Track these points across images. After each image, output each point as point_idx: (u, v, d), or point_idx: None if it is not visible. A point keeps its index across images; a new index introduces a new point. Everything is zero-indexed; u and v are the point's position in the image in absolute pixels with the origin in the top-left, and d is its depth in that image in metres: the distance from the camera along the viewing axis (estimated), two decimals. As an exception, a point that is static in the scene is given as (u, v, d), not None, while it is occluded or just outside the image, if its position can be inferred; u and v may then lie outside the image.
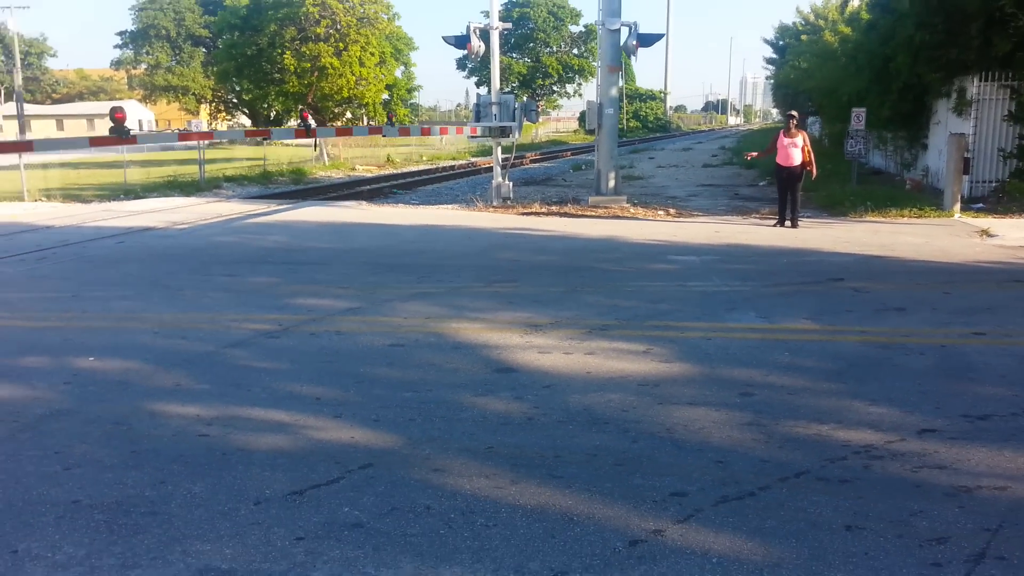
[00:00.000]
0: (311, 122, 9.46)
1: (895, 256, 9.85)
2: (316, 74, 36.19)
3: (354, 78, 36.10)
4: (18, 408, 4.72)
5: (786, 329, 6.49)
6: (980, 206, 14.77)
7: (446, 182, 25.74)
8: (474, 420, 4.54)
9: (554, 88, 71.14)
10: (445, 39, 14.88)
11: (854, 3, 28.13)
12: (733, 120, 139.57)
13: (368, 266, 9.36)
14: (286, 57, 35.92)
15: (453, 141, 43.12)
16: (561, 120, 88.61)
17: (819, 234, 11.76)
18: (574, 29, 69.83)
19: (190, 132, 9.03)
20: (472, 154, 38.43)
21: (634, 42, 14.05)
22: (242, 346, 6.02)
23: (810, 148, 12.60)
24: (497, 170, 16.02)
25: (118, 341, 6.16)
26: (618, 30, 14.11)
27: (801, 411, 4.66)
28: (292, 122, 53.72)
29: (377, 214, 14.98)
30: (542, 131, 64.07)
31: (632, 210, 14.77)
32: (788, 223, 12.55)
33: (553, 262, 9.65)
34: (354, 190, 22.21)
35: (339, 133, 14.67)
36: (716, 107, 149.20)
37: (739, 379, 5.25)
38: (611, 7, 14.11)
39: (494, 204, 15.45)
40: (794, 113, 13.35)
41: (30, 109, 68.65)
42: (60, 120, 77.05)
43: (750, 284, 8.22)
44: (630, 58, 15.15)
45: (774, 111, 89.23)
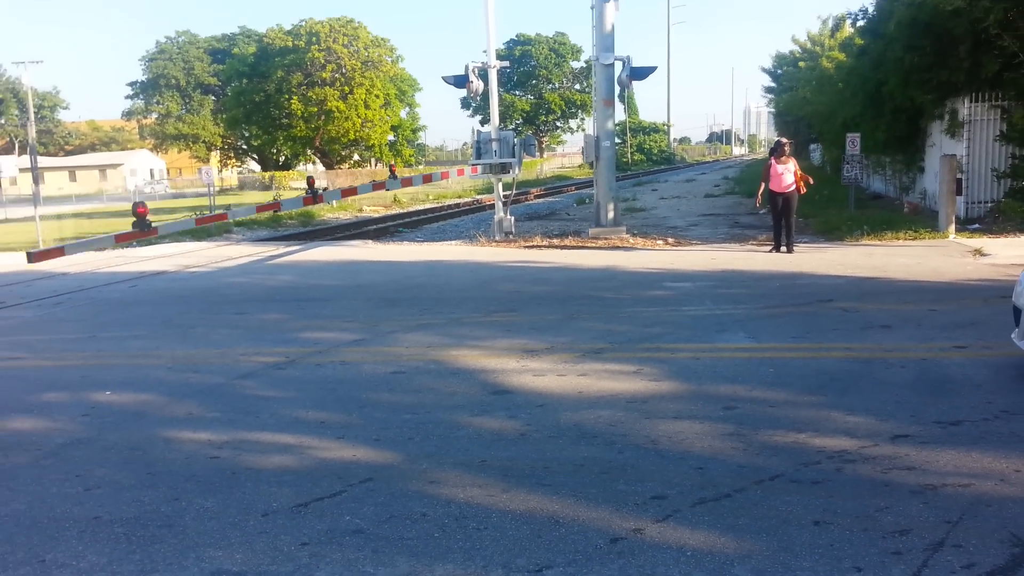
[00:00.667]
0: (317, 187, 9.95)
1: (887, 277, 10.09)
2: (323, 118, 37.02)
3: (360, 120, 36.89)
4: (40, 438, 5.02)
5: (773, 348, 6.74)
6: (976, 227, 15.00)
7: (451, 219, 26.18)
8: (469, 437, 4.80)
9: (557, 124, 72.16)
10: (445, 79, 15.37)
11: (848, 29, 28.66)
12: (738, 150, 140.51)
13: (372, 301, 9.67)
14: (293, 102, 36.78)
15: (458, 180, 43.75)
16: (566, 155, 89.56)
17: (814, 258, 12.01)
18: (575, 65, 71.01)
19: (205, 216, 9.52)
20: (477, 191, 39.01)
21: (627, 76, 14.48)
22: (251, 377, 6.32)
23: (800, 172, 12.92)
24: (499, 205, 16.39)
25: (133, 376, 6.46)
26: (612, 64, 14.54)
27: (781, 422, 4.89)
28: (301, 166, 54.63)
29: (383, 252, 15.34)
30: (547, 166, 64.80)
31: (631, 240, 15.07)
32: (784, 248, 12.81)
33: (551, 292, 9.94)
34: (361, 230, 22.64)
35: (344, 194, 15.15)
36: (720, 138, 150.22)
37: (724, 394, 5.49)
38: (605, 43, 14.57)
39: (496, 239, 15.80)
40: (783, 140, 13.68)
41: (43, 161, 70.01)
42: (73, 171, 78.46)
43: (742, 307, 8.48)
44: (625, 91, 15.60)
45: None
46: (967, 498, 3.81)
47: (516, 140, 15.19)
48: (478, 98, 16.53)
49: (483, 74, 15.65)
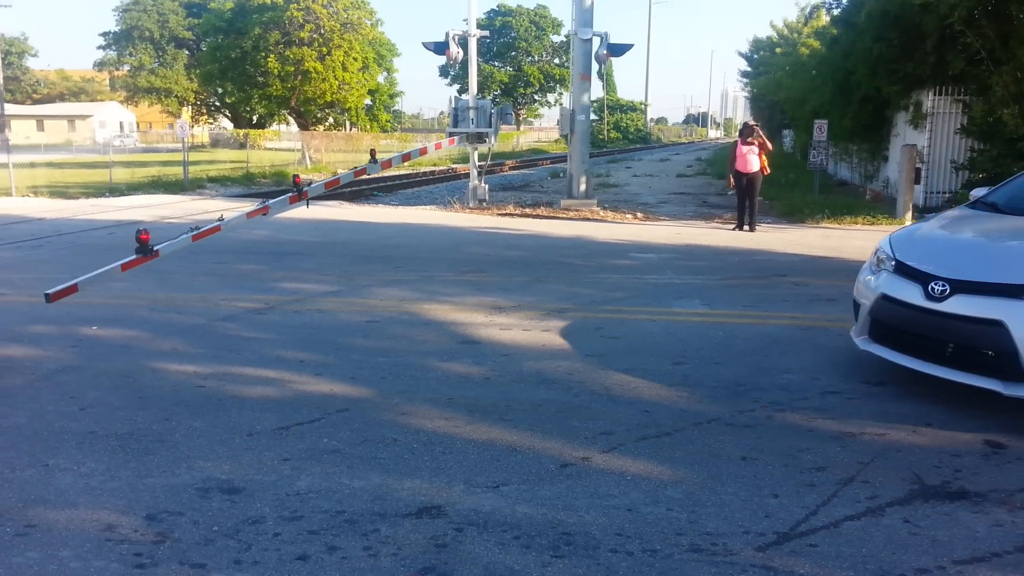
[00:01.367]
0: (301, 185, 10.09)
1: (839, 257, 10.61)
2: (299, 78, 36.78)
3: (337, 83, 36.71)
4: (33, 364, 5.32)
5: (725, 314, 7.20)
6: (932, 215, 15.60)
7: (425, 186, 26.40)
8: (438, 379, 5.19)
9: (535, 97, 72.15)
10: (425, 45, 15.56)
11: (824, 18, 29.12)
12: (714, 133, 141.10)
13: (348, 257, 9.99)
14: (270, 61, 36.47)
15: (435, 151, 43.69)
16: (543, 130, 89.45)
17: (773, 237, 12.52)
18: (555, 39, 70.88)
19: (201, 232, 9.49)
20: (452, 160, 39.08)
21: (604, 51, 14.80)
22: (231, 320, 6.64)
23: (765, 153, 13.36)
24: (473, 173, 16.69)
25: (117, 314, 6.75)
26: (590, 40, 14.84)
27: (723, 376, 5.35)
28: (275, 125, 54.13)
29: (358, 213, 15.59)
30: (523, 140, 64.88)
31: (602, 213, 15.48)
32: (747, 227, 13.31)
33: (521, 256, 10.33)
34: (335, 191, 22.76)
35: (328, 186, 15.30)
36: (697, 120, 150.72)
37: (675, 351, 5.94)
38: (583, 17, 14.85)
39: (470, 206, 16.12)
40: (750, 122, 14.12)
41: (10, 109, 68.45)
42: (41, 121, 76.82)
43: (700, 278, 8.94)
44: (603, 68, 15.89)
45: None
46: (880, 444, 4.28)
47: (493, 109, 15.43)
48: (456, 66, 16.75)
49: (463, 42, 15.85)
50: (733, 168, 13.47)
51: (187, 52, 61.69)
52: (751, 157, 13.16)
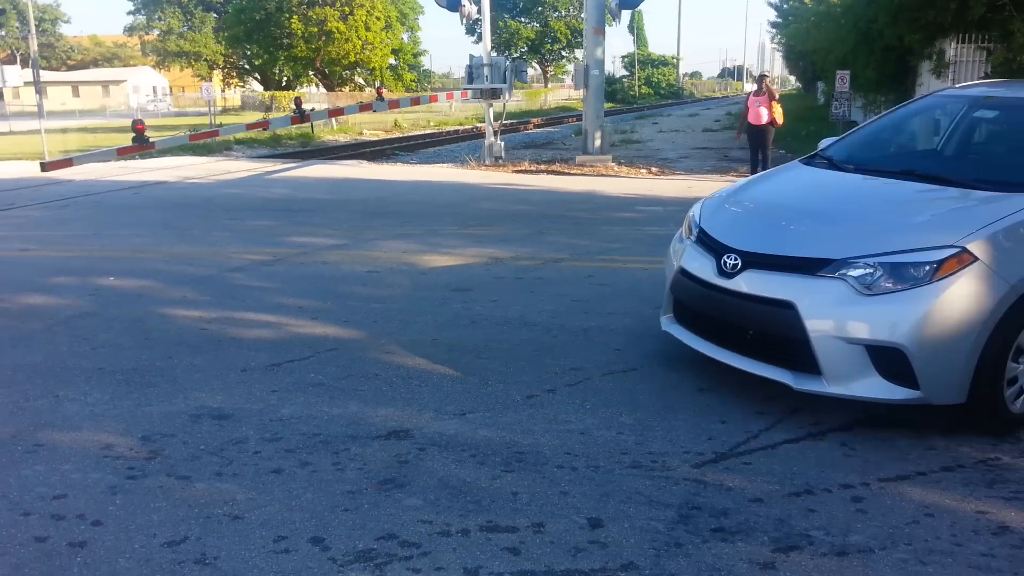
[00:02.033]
0: (304, 108, 10.29)
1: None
2: (323, 39, 36.98)
3: (360, 43, 36.87)
4: (51, 311, 5.73)
5: (716, 261, 7.37)
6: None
7: (448, 145, 26.54)
8: (426, 323, 5.50)
9: (563, 53, 71.40)
10: (437, 2, 15.65)
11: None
12: (749, 87, 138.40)
13: (359, 213, 10.30)
14: (293, 21, 36.69)
15: (461, 107, 43.76)
16: (572, 87, 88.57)
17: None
18: (584, -6, 69.71)
19: (199, 133, 9.88)
20: (479, 119, 39.09)
21: (616, 5, 14.77)
22: (240, 271, 7.00)
23: (775, 105, 13.32)
24: (489, 130, 16.85)
25: (133, 267, 7.14)
26: (603, -6, 14.81)
27: (700, 318, 5.57)
28: (303, 88, 54.43)
29: (375, 171, 15.87)
30: (551, 97, 64.43)
31: (616, 168, 15.58)
32: (759, 179, 13.33)
33: (528, 211, 10.55)
34: (358, 151, 23.07)
35: (331, 114, 15.50)
36: (732, 74, 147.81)
37: (657, 297, 6.15)
38: (597, -28, 14.80)
39: (486, 163, 16.31)
40: (765, 74, 14.08)
41: (46, 76, 69.48)
42: (76, 87, 78.00)
43: (700, 228, 9.08)
44: (616, 20, 15.85)
45: (792, 78, 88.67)
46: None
47: (507, 65, 15.57)
48: (469, 22, 16.79)
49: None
50: (744, 120, 13.49)
51: (215, 15, 62.05)
52: (761, 109, 13.15)
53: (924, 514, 3.13)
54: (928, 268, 3.61)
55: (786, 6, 40.06)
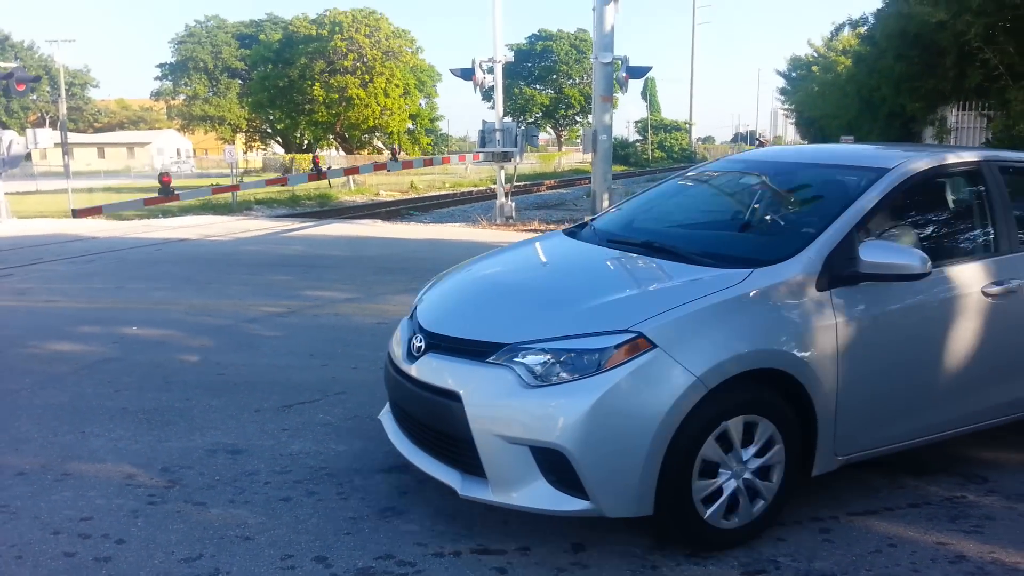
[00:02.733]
0: (321, 166, 10.85)
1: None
2: (344, 104, 38.22)
3: (379, 108, 38.06)
4: (78, 357, 6.06)
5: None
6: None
7: (461, 205, 27.18)
8: (431, 369, 5.78)
9: (576, 118, 73.01)
10: (453, 71, 16.35)
11: (848, 34, 29.28)
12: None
13: (371, 269, 10.68)
14: (315, 88, 37.99)
15: (476, 169, 44.75)
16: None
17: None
18: (597, 62, 71.51)
19: (222, 187, 10.33)
20: (492, 181, 39.96)
21: (624, 75, 15.38)
22: (255, 322, 7.34)
23: None
24: (500, 191, 17.36)
25: (155, 317, 7.50)
26: (610, 63, 15.42)
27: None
28: (320, 152, 55.87)
29: (389, 230, 16.35)
30: (565, 160, 65.59)
31: (624, 228, 15.96)
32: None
33: (535, 268, 10.88)
34: (373, 211, 23.70)
35: (347, 172, 16.19)
36: (745, 138, 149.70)
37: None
38: (604, 42, 15.45)
39: (497, 222, 16.77)
40: (761, 139, 14.63)
41: (73, 137, 71.57)
42: (102, 148, 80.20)
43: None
44: (623, 88, 16.46)
45: (804, 142, 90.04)
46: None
47: (518, 130, 16.15)
48: (483, 90, 17.48)
49: (490, 68, 16.60)
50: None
51: (239, 81, 64.09)
52: None
53: (887, 544, 3.34)
54: (597, 356, 3.05)
55: (794, 74, 41.11)
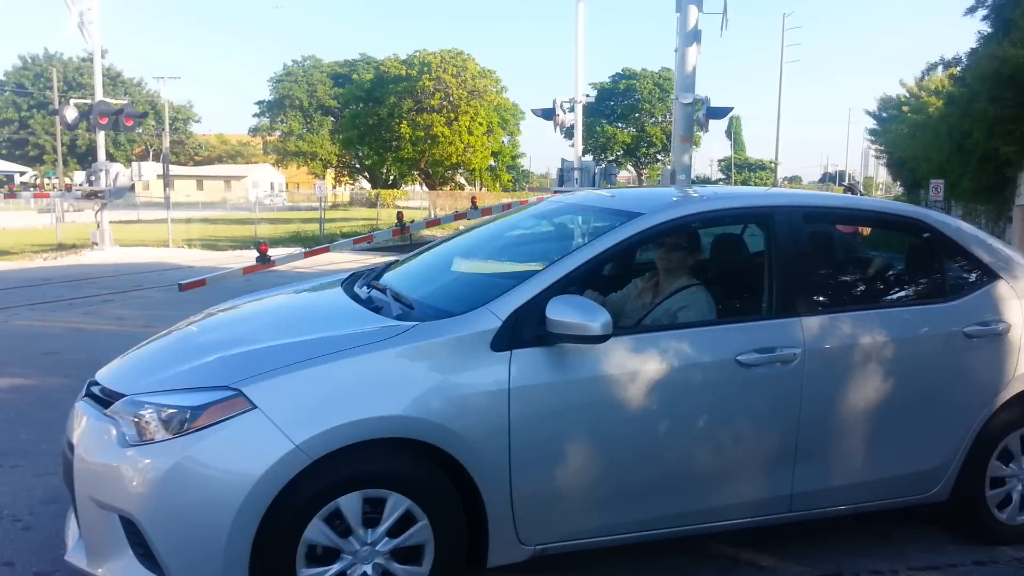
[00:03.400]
0: (405, 221, 11.34)
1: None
2: (429, 142, 39.31)
3: (462, 146, 38.99)
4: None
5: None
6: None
7: (540, 243, 27.44)
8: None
9: (658, 156, 72.85)
10: (534, 111, 16.68)
11: (940, 75, 28.43)
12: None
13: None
14: (403, 126, 39.23)
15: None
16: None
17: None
18: (681, 101, 71.28)
19: (313, 250, 10.75)
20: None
21: (704, 115, 15.40)
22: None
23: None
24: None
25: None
26: (691, 103, 15.47)
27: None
28: (407, 186, 57.38)
29: (467, 266, 16.69)
30: (645, 199, 65.26)
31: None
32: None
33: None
34: (454, 247, 24.14)
35: (429, 225, 16.66)
36: (834, 178, 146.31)
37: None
38: (685, 83, 15.51)
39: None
40: (851, 185, 14.48)
41: (174, 170, 75.15)
42: (200, 180, 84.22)
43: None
44: (704, 129, 16.46)
45: (896, 183, 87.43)
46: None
47: (596, 169, 16.31)
48: (563, 130, 17.77)
49: (573, 108, 16.88)
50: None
51: (331, 119, 66.54)
52: None
53: (947, 601, 3.28)
54: (188, 413, 2.71)
55: (884, 115, 40.13)
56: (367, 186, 64.47)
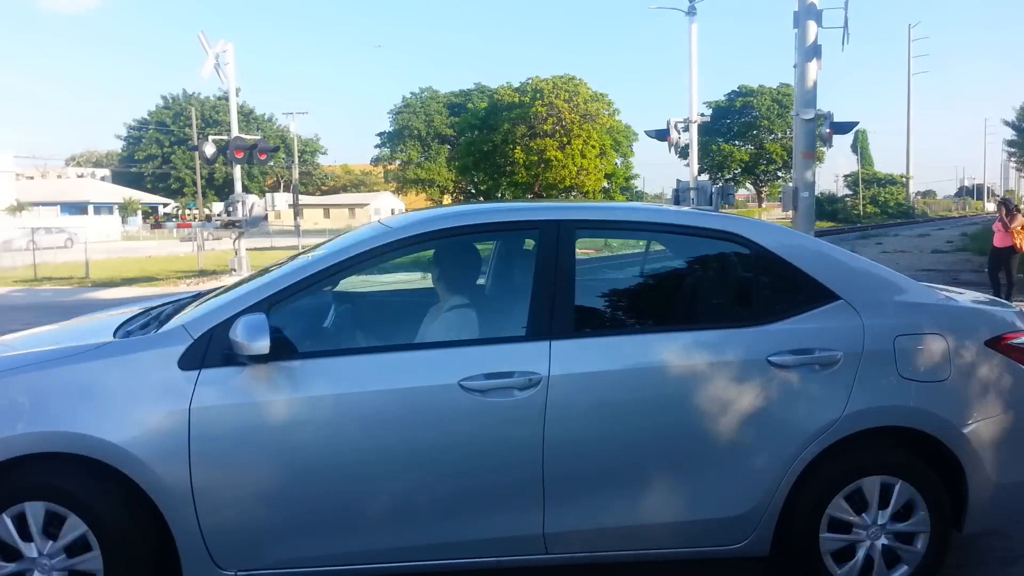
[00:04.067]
0: None
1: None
2: (542, 166, 39.67)
3: (575, 169, 39.12)
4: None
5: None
6: None
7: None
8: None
9: (779, 174, 70.69)
10: (647, 133, 16.58)
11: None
12: (991, 207, 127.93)
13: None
14: (516, 152, 39.78)
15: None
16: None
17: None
18: (802, 116, 69.07)
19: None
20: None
21: (828, 130, 14.85)
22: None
23: (1016, 231, 12.78)
24: (695, 250, 17.14)
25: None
26: (813, 119, 14.97)
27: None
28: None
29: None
30: (765, 217, 63.40)
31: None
32: (1002, 303, 12.65)
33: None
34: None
35: None
36: (971, 192, 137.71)
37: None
38: (806, 98, 15.05)
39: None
40: (1002, 198, 13.87)
41: (303, 199, 78.89)
42: (327, 209, 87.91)
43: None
44: (827, 144, 15.89)
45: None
46: None
47: (713, 189, 16.00)
48: (677, 149, 17.55)
49: (687, 128, 16.66)
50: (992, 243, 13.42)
51: (448, 147, 68.27)
52: (1000, 234, 12.86)
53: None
54: None
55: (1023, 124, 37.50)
56: (483, 211, 65.33)
